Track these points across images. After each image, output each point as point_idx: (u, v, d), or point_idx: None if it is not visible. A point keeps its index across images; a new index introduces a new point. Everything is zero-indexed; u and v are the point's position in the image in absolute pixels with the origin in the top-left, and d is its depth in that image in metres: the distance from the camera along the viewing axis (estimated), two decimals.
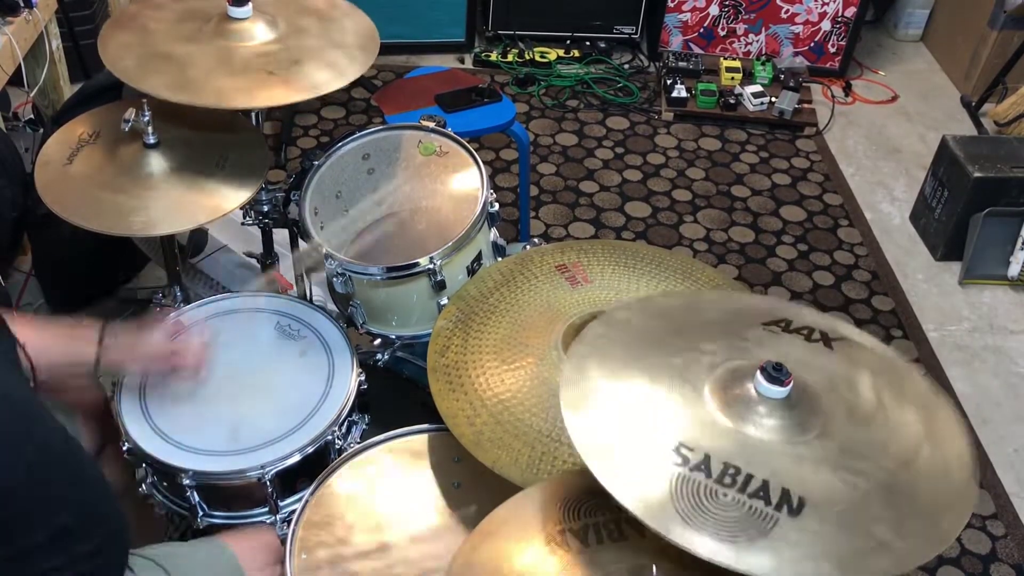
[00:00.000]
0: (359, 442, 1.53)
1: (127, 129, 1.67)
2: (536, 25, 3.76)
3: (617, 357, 1.16)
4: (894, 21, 4.11)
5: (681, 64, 3.60)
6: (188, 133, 1.74)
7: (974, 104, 3.64)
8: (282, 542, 1.39)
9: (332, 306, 1.80)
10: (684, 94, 3.50)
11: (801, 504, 0.98)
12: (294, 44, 1.72)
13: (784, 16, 3.65)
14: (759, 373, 1.06)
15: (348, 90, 3.48)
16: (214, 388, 1.58)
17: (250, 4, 1.70)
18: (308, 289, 1.95)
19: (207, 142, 1.75)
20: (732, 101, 3.48)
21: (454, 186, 1.76)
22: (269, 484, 1.48)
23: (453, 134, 1.81)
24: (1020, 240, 2.86)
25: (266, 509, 1.54)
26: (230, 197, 1.68)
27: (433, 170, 1.79)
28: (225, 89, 1.61)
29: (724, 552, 0.94)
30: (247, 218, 1.87)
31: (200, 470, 1.46)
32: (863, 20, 3.69)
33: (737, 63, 3.61)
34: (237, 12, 1.70)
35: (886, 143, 3.55)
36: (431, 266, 1.60)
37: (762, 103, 3.49)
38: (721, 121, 3.53)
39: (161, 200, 1.65)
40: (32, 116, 2.52)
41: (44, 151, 1.72)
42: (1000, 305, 2.88)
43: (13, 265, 2.54)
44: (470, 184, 1.74)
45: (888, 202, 3.27)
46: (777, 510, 0.97)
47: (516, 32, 3.75)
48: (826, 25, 3.66)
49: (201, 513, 1.53)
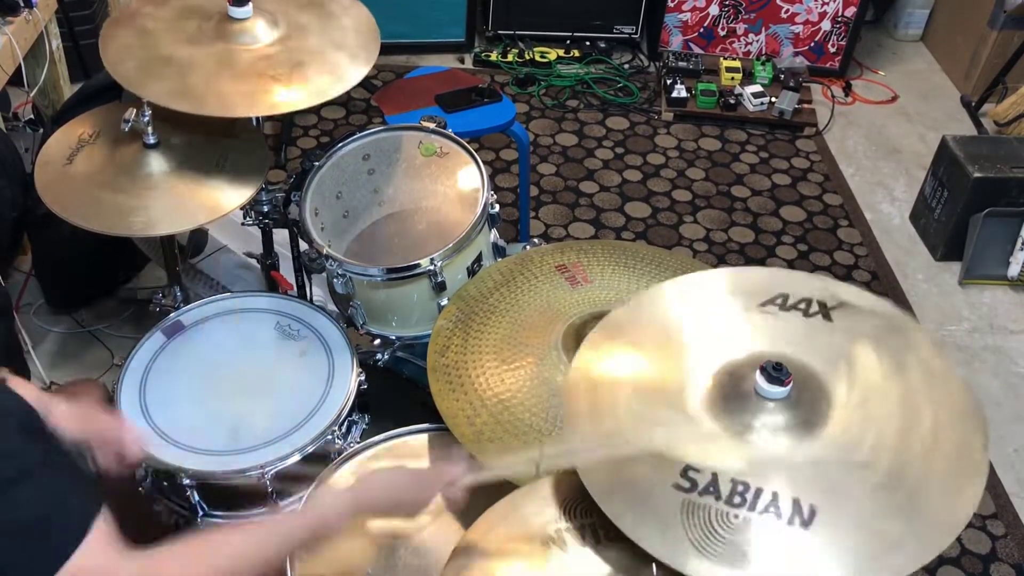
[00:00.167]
0: (359, 442, 1.53)
1: (127, 129, 1.67)
2: (536, 25, 3.76)
3: (610, 383, 1.13)
4: (894, 21, 4.10)
5: (681, 64, 3.60)
6: (188, 133, 1.74)
7: (974, 104, 3.64)
8: None
9: (332, 306, 1.80)
10: (684, 94, 3.50)
11: (812, 513, 0.98)
12: (295, 45, 1.72)
13: (784, 16, 3.65)
14: (759, 374, 1.06)
15: (348, 90, 3.48)
16: (214, 388, 1.58)
17: (250, 4, 1.70)
18: (308, 289, 1.95)
19: (207, 142, 1.75)
20: (732, 101, 3.48)
21: (454, 187, 1.77)
22: (269, 484, 1.48)
23: (453, 135, 1.81)
24: (1020, 240, 2.86)
25: (266, 509, 1.54)
26: (230, 197, 1.68)
27: (433, 171, 1.79)
28: (227, 96, 1.61)
29: None
30: (247, 218, 1.87)
31: (200, 470, 1.46)
32: (863, 20, 3.69)
33: (737, 63, 3.61)
34: (238, 12, 1.70)
35: (886, 143, 3.54)
36: (431, 267, 1.60)
37: (762, 103, 3.49)
38: (721, 121, 3.52)
39: (161, 200, 1.65)
40: (32, 116, 2.52)
41: (44, 151, 1.73)
42: (1000, 305, 2.88)
43: (13, 265, 2.55)
44: (470, 185, 1.74)
45: (888, 202, 3.27)
46: (789, 524, 0.97)
47: (516, 32, 3.75)
48: (826, 25, 3.66)
49: (201, 513, 1.53)
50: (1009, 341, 2.77)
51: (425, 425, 1.53)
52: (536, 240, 1.84)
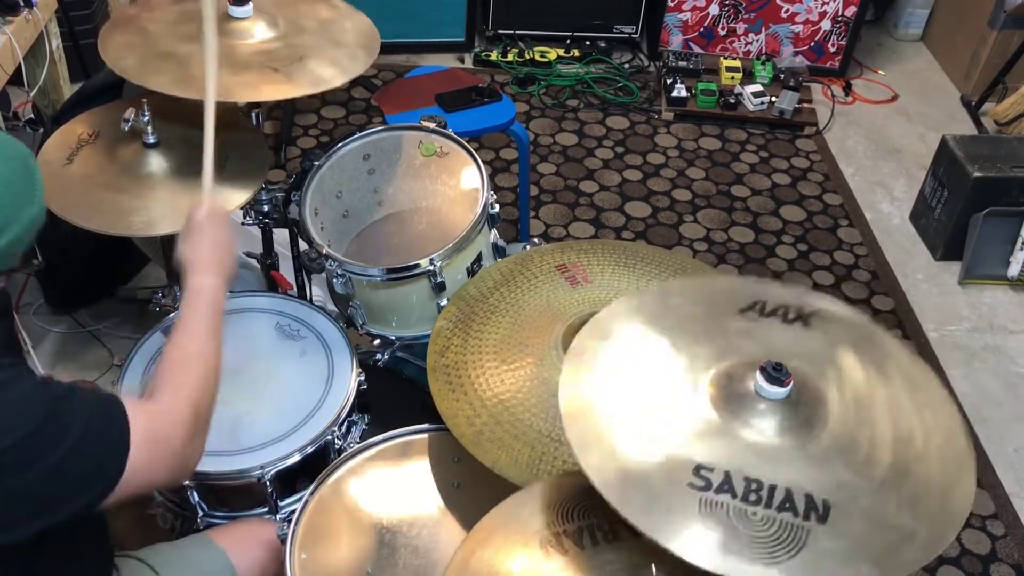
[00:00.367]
0: (359, 442, 1.53)
1: (127, 129, 1.67)
2: (536, 25, 3.76)
3: (609, 381, 1.13)
4: (894, 21, 4.10)
5: (681, 64, 3.60)
6: (188, 133, 1.74)
7: (974, 104, 3.64)
8: (282, 542, 1.39)
9: (332, 306, 1.80)
10: (684, 94, 3.50)
11: (827, 508, 0.98)
12: (296, 42, 1.72)
13: (784, 16, 3.65)
14: (759, 374, 1.06)
15: (348, 90, 3.48)
16: None
17: (251, 4, 1.70)
18: (308, 289, 1.95)
19: None
20: (732, 101, 3.48)
21: (454, 187, 1.77)
22: (269, 484, 1.48)
23: (454, 135, 1.81)
24: (1020, 240, 2.86)
25: (266, 509, 1.55)
26: (230, 197, 1.68)
27: (433, 171, 1.79)
28: (229, 84, 1.60)
29: (774, 575, 0.93)
30: (247, 218, 1.87)
31: (200, 470, 1.46)
32: (863, 20, 3.69)
33: (737, 63, 3.61)
34: (238, 11, 1.70)
35: (886, 143, 3.54)
36: (431, 267, 1.60)
37: (762, 103, 3.49)
38: (721, 121, 3.52)
39: (161, 200, 1.65)
40: (32, 116, 2.51)
41: (44, 151, 1.73)
42: (1000, 305, 2.88)
43: None
44: (471, 185, 1.74)
45: (888, 202, 3.27)
46: (806, 520, 0.97)
47: (516, 32, 3.75)
48: (826, 25, 3.66)
49: (201, 513, 1.53)
50: (1009, 341, 2.77)
51: (425, 425, 1.53)
52: (536, 240, 1.84)
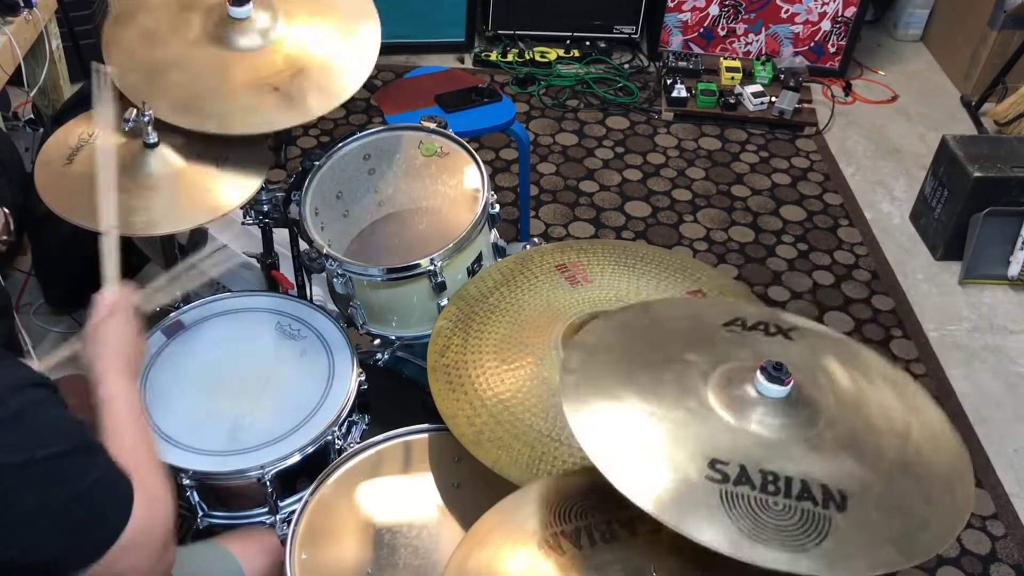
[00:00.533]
0: (359, 442, 1.53)
1: (127, 129, 1.67)
2: (536, 25, 3.76)
3: (608, 384, 1.12)
4: (894, 21, 4.10)
5: (681, 64, 3.60)
6: (188, 133, 1.74)
7: (974, 104, 3.64)
8: (282, 542, 1.39)
9: (332, 306, 1.80)
10: (684, 94, 3.50)
11: (844, 497, 0.99)
12: (295, 49, 1.72)
13: (784, 16, 3.65)
14: (759, 374, 1.06)
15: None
16: (214, 388, 1.58)
17: (251, 4, 1.70)
18: (308, 289, 1.95)
19: (207, 142, 1.74)
20: (732, 101, 3.48)
21: (455, 187, 1.76)
22: (269, 484, 1.48)
23: (454, 135, 1.81)
24: (1020, 240, 2.86)
25: (266, 509, 1.55)
26: (230, 197, 1.67)
27: (434, 171, 1.79)
28: (230, 112, 1.63)
29: (804, 562, 0.93)
30: (247, 218, 1.87)
31: (200, 470, 1.46)
32: (863, 20, 3.69)
33: (737, 63, 3.61)
34: (238, 12, 1.69)
35: (886, 143, 3.54)
36: (432, 267, 1.60)
37: (762, 103, 3.49)
38: (721, 121, 3.52)
39: (161, 200, 1.65)
40: (32, 116, 2.52)
41: (44, 151, 1.72)
42: (1000, 305, 2.88)
43: (13, 265, 2.55)
44: (471, 185, 1.74)
45: (888, 202, 3.27)
46: (826, 508, 0.98)
47: (516, 32, 3.74)
48: (826, 25, 3.66)
49: (201, 513, 1.53)
50: (1009, 341, 2.77)
51: (425, 425, 1.53)
52: (536, 240, 1.84)
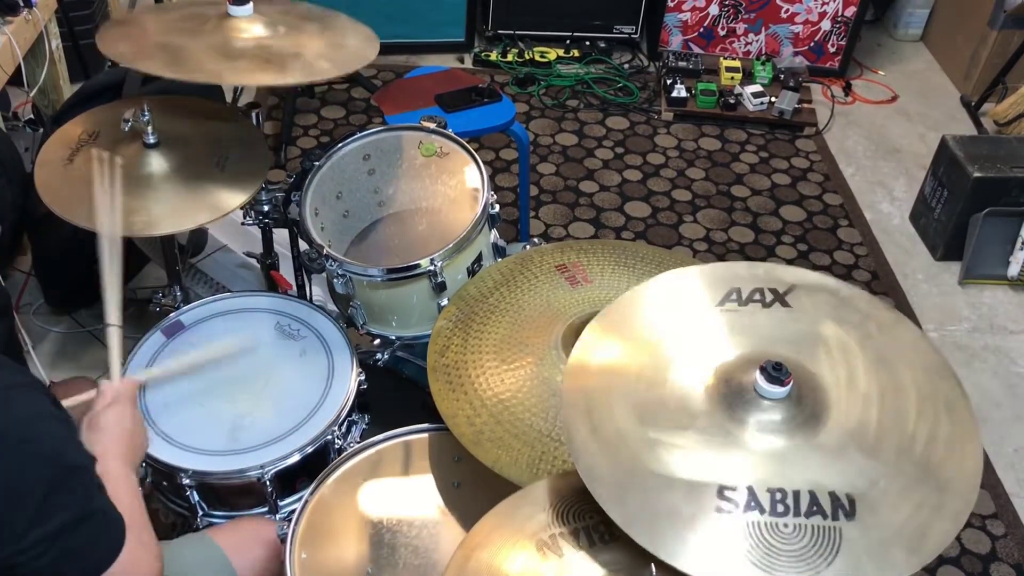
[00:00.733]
0: (359, 442, 1.53)
1: (127, 129, 1.67)
2: (536, 25, 3.76)
3: (608, 417, 1.10)
4: (894, 21, 4.11)
5: (681, 64, 3.60)
6: (188, 133, 1.74)
7: (974, 104, 3.64)
8: (282, 541, 1.39)
9: (332, 306, 1.80)
10: (684, 94, 3.50)
11: (852, 503, 0.98)
12: (293, 41, 1.72)
13: (784, 16, 3.65)
14: (759, 376, 1.05)
15: (348, 90, 3.49)
16: (214, 388, 1.58)
17: (251, 3, 1.70)
18: (308, 289, 1.95)
19: (207, 142, 1.75)
20: (732, 101, 3.48)
21: (455, 187, 1.76)
22: (269, 484, 1.48)
23: (454, 135, 1.81)
24: (1020, 240, 2.86)
25: (266, 509, 1.55)
26: (230, 197, 1.67)
27: (434, 171, 1.79)
28: (222, 69, 1.60)
29: None
30: (247, 218, 1.87)
31: (200, 470, 1.46)
32: (863, 20, 3.69)
33: (737, 63, 3.61)
34: (238, 11, 1.69)
35: (886, 143, 3.55)
36: (432, 267, 1.60)
37: (762, 103, 3.49)
38: (721, 121, 3.52)
39: (161, 200, 1.65)
40: (32, 116, 2.52)
41: (44, 151, 1.72)
42: (1000, 305, 2.88)
43: (13, 265, 2.55)
44: (471, 185, 1.74)
45: (888, 202, 3.27)
46: (835, 519, 0.97)
47: (516, 32, 3.75)
48: (826, 25, 3.66)
49: (201, 513, 1.53)
50: (1009, 341, 2.77)
51: (425, 425, 1.53)
52: (536, 240, 1.84)
